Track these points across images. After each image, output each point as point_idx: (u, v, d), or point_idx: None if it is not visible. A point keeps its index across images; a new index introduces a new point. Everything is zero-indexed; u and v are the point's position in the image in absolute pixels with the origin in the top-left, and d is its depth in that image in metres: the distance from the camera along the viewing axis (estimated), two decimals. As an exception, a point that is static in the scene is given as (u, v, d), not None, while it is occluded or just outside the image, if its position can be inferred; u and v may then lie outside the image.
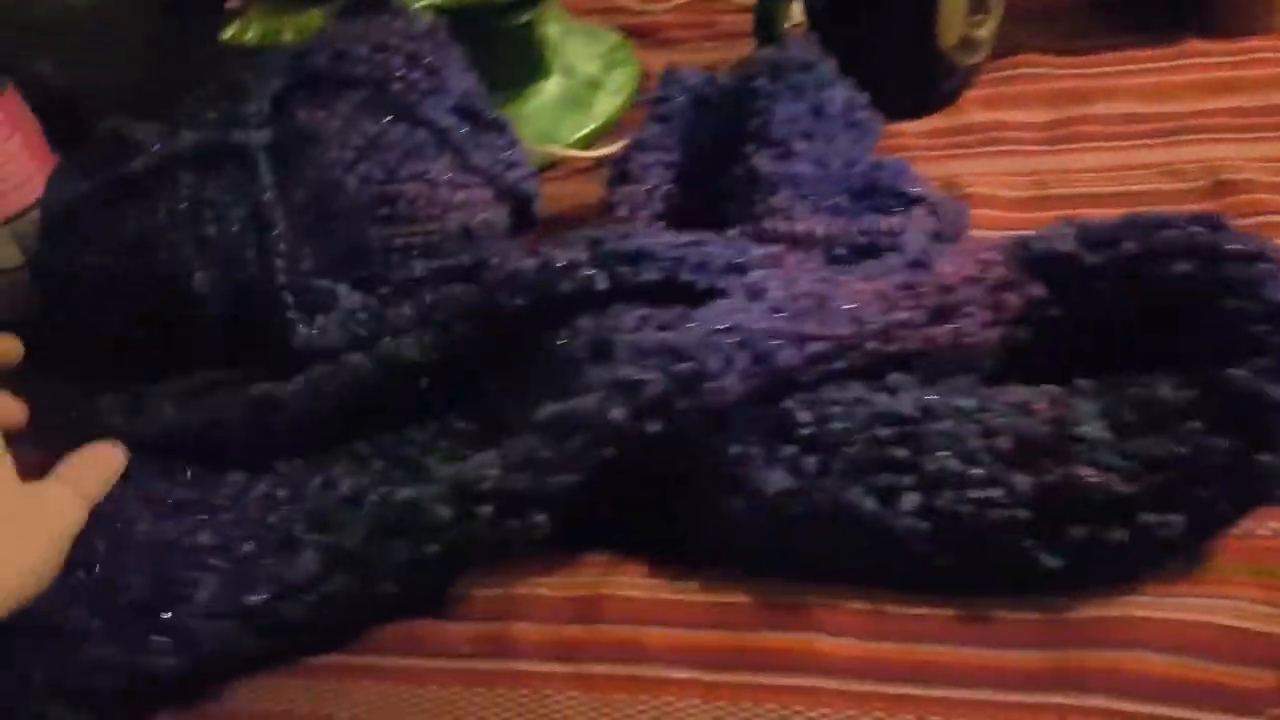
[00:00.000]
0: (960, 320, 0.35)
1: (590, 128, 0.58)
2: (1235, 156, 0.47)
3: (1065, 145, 0.51)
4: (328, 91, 0.43)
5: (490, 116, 0.47)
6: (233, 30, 0.53)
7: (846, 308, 0.34)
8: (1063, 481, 0.31)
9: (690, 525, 0.35)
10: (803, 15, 0.55)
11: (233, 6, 0.56)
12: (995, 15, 0.52)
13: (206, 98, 0.44)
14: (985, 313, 0.35)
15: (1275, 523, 0.33)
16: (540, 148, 0.54)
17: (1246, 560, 0.33)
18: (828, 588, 0.34)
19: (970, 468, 0.32)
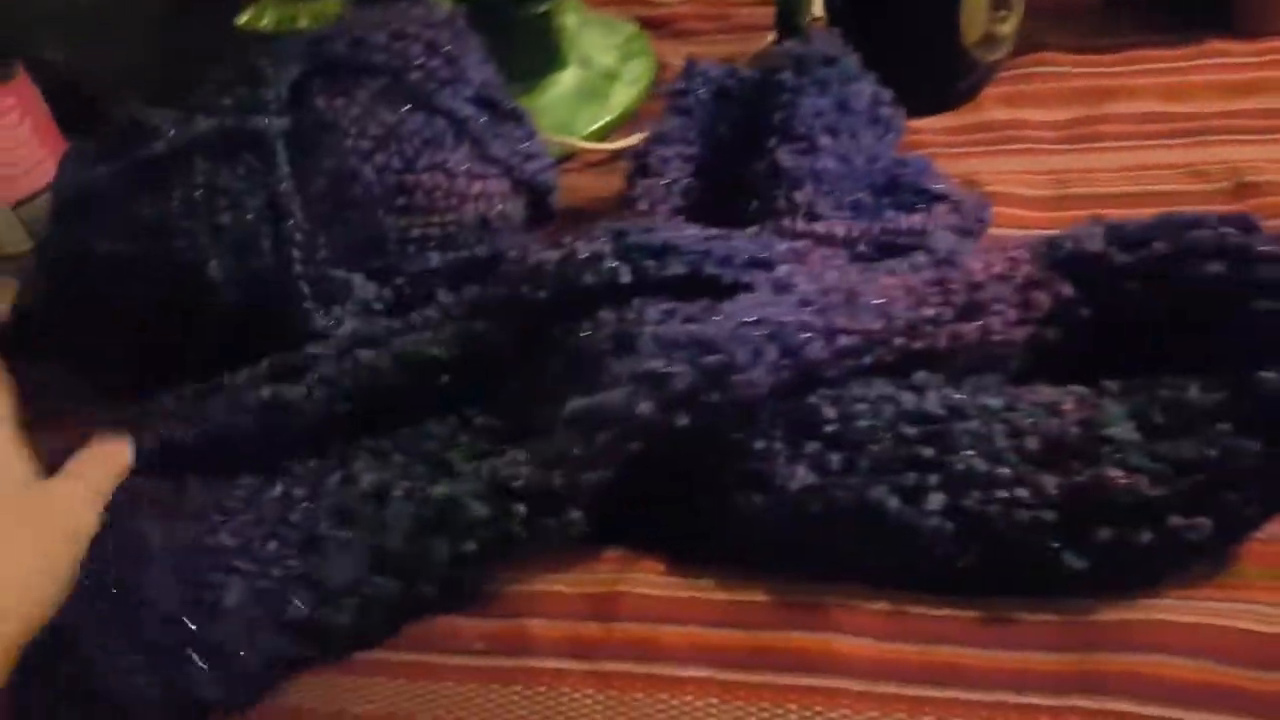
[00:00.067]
0: (988, 318, 0.34)
1: (606, 119, 0.57)
2: (1258, 158, 0.47)
3: (1085, 144, 0.50)
4: (346, 79, 0.43)
5: (508, 107, 0.46)
6: (248, 16, 0.53)
7: (876, 302, 0.34)
8: (1090, 483, 0.31)
9: (713, 521, 0.35)
10: (823, 9, 0.54)
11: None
12: (1018, 12, 0.52)
13: (222, 84, 0.44)
14: (1013, 311, 0.35)
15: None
16: (557, 139, 0.54)
17: (1269, 564, 0.32)
18: (847, 587, 0.33)
19: (997, 467, 0.32)
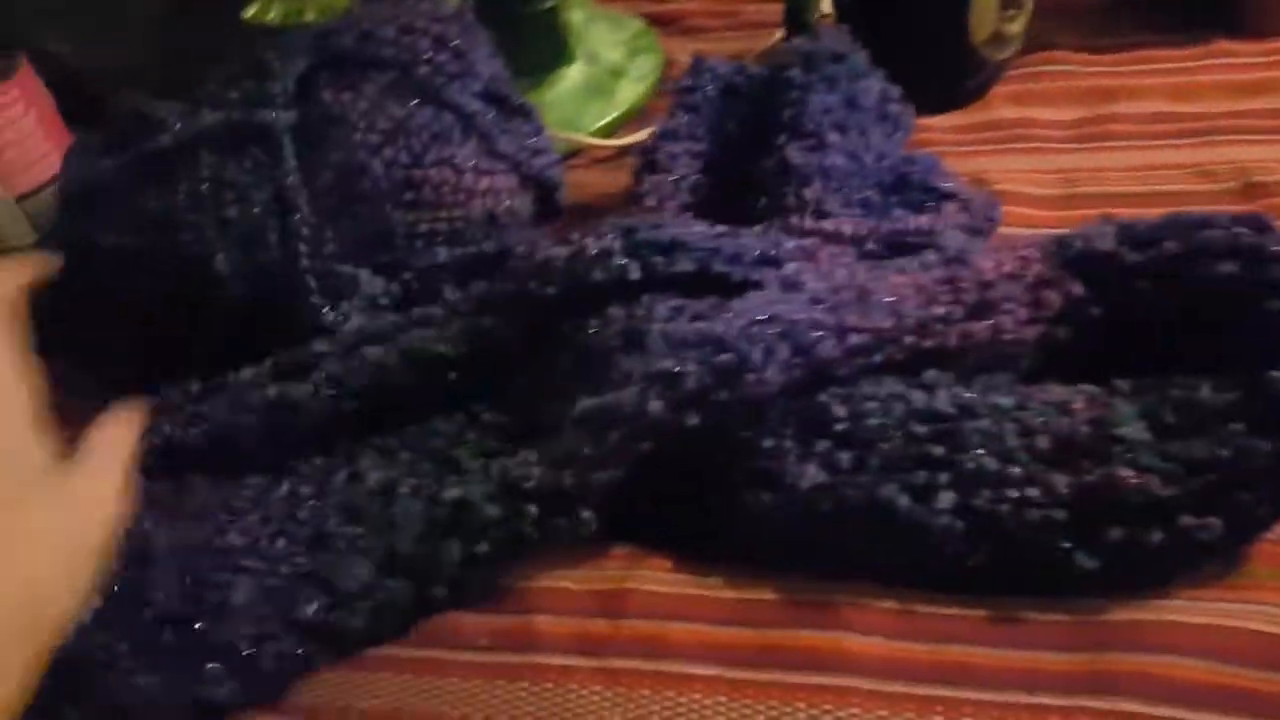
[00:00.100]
0: (999, 316, 0.34)
1: (613, 115, 0.57)
2: (1266, 158, 0.47)
3: (1093, 143, 0.50)
4: (353, 73, 0.43)
5: (516, 102, 0.46)
6: (255, 9, 0.53)
7: (886, 300, 0.34)
8: (1101, 482, 0.31)
9: (722, 519, 0.35)
10: (832, 6, 0.54)
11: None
12: (1027, 10, 0.52)
13: (229, 77, 0.44)
14: (1024, 310, 0.34)
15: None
16: (564, 135, 0.54)
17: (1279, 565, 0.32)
18: (856, 586, 0.33)
19: (1008, 466, 0.32)
